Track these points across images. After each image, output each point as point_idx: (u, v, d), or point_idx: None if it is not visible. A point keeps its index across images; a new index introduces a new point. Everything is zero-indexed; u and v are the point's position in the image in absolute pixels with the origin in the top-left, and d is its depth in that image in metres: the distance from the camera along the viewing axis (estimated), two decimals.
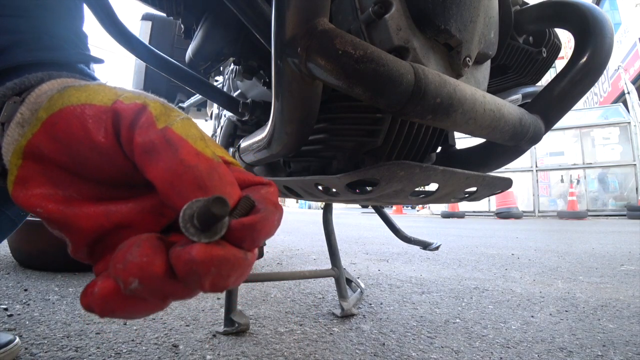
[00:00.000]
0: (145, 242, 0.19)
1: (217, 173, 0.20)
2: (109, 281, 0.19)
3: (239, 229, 0.19)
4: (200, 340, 0.76)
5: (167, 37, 1.22)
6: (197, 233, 0.18)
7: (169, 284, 0.18)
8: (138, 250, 0.18)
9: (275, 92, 0.42)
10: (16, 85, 0.26)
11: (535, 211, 7.90)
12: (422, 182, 0.42)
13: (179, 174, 0.19)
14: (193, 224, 0.18)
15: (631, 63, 9.11)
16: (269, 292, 1.17)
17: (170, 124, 0.21)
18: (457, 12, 0.42)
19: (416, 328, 0.86)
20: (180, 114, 0.22)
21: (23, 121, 0.23)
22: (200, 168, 0.19)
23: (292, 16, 0.35)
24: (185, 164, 0.19)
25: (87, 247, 0.22)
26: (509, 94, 0.70)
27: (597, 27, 0.50)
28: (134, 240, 0.19)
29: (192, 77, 0.65)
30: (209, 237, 0.18)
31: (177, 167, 0.19)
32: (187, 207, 0.18)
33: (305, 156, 0.56)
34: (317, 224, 4.43)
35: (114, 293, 0.19)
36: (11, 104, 0.25)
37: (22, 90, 0.26)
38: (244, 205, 0.20)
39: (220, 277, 0.18)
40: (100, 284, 0.19)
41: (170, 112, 0.22)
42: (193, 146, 0.20)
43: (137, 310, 0.20)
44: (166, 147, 0.20)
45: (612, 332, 0.85)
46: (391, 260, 1.86)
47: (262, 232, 0.20)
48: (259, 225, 0.19)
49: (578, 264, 1.79)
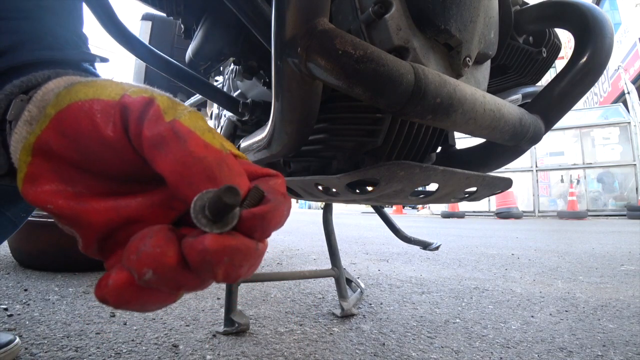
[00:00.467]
0: (158, 232, 0.19)
1: (226, 164, 0.20)
2: (123, 273, 0.19)
3: (250, 218, 0.19)
4: (200, 340, 0.76)
5: (167, 37, 1.22)
6: (209, 224, 0.18)
7: (183, 275, 0.19)
8: (151, 240, 0.18)
9: (275, 92, 0.42)
10: (23, 83, 0.27)
11: (535, 211, 7.90)
12: (422, 182, 0.42)
13: (188, 165, 0.19)
14: (205, 215, 0.18)
15: (631, 63, 9.11)
16: (269, 292, 1.17)
17: (178, 116, 0.21)
18: (457, 12, 0.42)
19: (416, 328, 0.86)
20: (187, 107, 0.22)
21: (31, 119, 0.23)
22: (210, 159, 0.20)
23: (292, 16, 0.35)
24: (194, 156, 0.19)
25: (98, 243, 0.22)
26: (509, 94, 0.70)
27: (597, 27, 0.50)
28: (147, 232, 0.19)
29: (192, 77, 0.65)
30: (221, 227, 0.18)
31: (186, 158, 0.19)
32: (197, 198, 0.18)
33: (305, 156, 0.56)
34: (317, 224, 4.43)
35: (128, 284, 0.19)
36: (18, 102, 0.26)
37: (29, 89, 0.27)
38: (254, 195, 0.20)
39: (232, 267, 0.18)
40: (114, 275, 0.19)
41: (177, 105, 0.22)
42: (201, 138, 0.20)
43: (150, 302, 0.20)
44: (175, 139, 0.20)
45: (612, 332, 0.85)
46: (391, 260, 1.86)
47: (272, 222, 0.20)
48: (269, 215, 0.20)
49: (578, 264, 1.79)
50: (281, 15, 0.36)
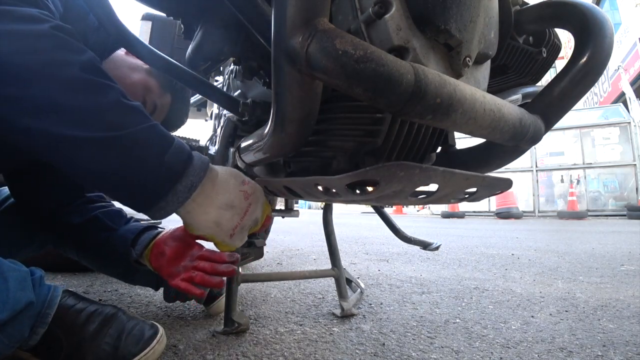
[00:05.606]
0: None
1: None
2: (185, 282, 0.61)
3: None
4: (200, 340, 0.76)
5: (167, 37, 1.22)
6: None
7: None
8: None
9: (275, 92, 0.42)
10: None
11: (535, 211, 7.90)
12: (422, 182, 0.42)
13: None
14: None
15: (631, 63, 9.12)
16: (269, 292, 1.17)
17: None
18: (457, 12, 0.42)
19: (416, 328, 0.86)
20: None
21: None
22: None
23: (292, 16, 0.35)
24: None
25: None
26: (509, 94, 0.70)
27: (597, 27, 0.50)
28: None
29: (192, 77, 0.65)
30: None
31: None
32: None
33: (305, 156, 0.56)
34: (317, 224, 4.43)
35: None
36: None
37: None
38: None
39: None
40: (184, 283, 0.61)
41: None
42: None
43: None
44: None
45: (612, 332, 0.85)
46: (391, 260, 1.86)
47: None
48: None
49: (578, 264, 1.79)
50: (281, 15, 0.36)
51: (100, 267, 0.92)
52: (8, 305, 0.49)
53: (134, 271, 0.85)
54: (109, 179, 0.44)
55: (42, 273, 0.59)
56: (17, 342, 0.52)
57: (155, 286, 0.93)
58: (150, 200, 0.46)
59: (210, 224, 0.50)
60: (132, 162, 0.44)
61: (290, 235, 3.06)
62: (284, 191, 0.55)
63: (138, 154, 0.44)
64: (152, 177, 0.45)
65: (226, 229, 0.51)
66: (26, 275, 0.54)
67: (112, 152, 0.43)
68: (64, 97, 0.41)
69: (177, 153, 0.47)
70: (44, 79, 0.41)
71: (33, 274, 0.56)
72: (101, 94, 0.44)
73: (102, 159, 0.43)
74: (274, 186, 0.55)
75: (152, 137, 0.46)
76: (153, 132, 0.46)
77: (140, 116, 0.46)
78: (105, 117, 0.43)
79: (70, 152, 0.42)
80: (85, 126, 0.42)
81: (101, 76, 0.45)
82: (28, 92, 0.40)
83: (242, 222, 0.52)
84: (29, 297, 0.52)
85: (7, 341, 0.50)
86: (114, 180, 0.44)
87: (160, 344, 0.61)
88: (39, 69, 0.41)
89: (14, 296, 0.50)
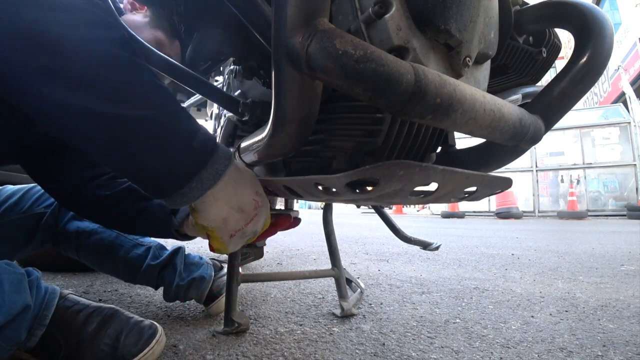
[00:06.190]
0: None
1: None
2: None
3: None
4: (200, 340, 0.76)
5: None
6: None
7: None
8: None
9: (275, 92, 0.42)
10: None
11: (535, 211, 7.90)
12: (422, 181, 0.42)
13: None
14: None
15: (631, 63, 9.12)
16: (269, 292, 1.17)
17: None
18: (457, 12, 0.42)
19: (416, 328, 0.86)
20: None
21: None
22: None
23: (292, 16, 0.35)
24: None
25: None
26: (509, 94, 0.70)
27: (597, 27, 0.50)
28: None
29: (192, 77, 0.65)
30: None
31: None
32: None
33: (305, 156, 0.56)
34: (317, 224, 4.43)
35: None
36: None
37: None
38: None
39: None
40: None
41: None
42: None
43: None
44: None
45: (612, 332, 0.85)
46: (391, 260, 1.86)
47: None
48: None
49: (578, 264, 1.79)
50: (281, 15, 0.36)
51: (101, 266, 0.93)
52: (4, 309, 0.49)
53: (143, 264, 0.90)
54: (135, 158, 0.43)
55: (39, 274, 0.59)
56: (14, 345, 0.52)
57: (155, 286, 0.93)
58: (175, 185, 0.45)
59: (219, 218, 0.49)
60: (164, 143, 0.43)
61: (290, 235, 3.07)
62: (284, 191, 0.55)
63: (169, 135, 0.43)
64: (180, 159, 0.44)
65: (230, 228, 0.51)
66: (22, 277, 0.54)
67: (146, 131, 0.41)
68: (103, 72, 0.39)
69: (205, 139, 0.46)
70: (81, 52, 0.39)
71: (29, 275, 0.56)
72: (138, 72, 0.42)
73: (132, 137, 0.41)
74: (274, 186, 0.55)
75: (183, 120, 0.45)
76: (183, 116, 0.45)
77: (172, 98, 0.45)
78: (143, 95, 0.42)
79: (101, 128, 0.40)
80: (123, 103, 0.40)
81: (134, 54, 0.43)
82: (64, 64, 0.38)
83: (245, 227, 0.52)
84: (25, 300, 0.52)
85: (4, 344, 0.50)
86: (140, 159, 0.43)
87: (160, 344, 0.61)
88: (76, 42, 0.39)
89: (10, 299, 0.50)
